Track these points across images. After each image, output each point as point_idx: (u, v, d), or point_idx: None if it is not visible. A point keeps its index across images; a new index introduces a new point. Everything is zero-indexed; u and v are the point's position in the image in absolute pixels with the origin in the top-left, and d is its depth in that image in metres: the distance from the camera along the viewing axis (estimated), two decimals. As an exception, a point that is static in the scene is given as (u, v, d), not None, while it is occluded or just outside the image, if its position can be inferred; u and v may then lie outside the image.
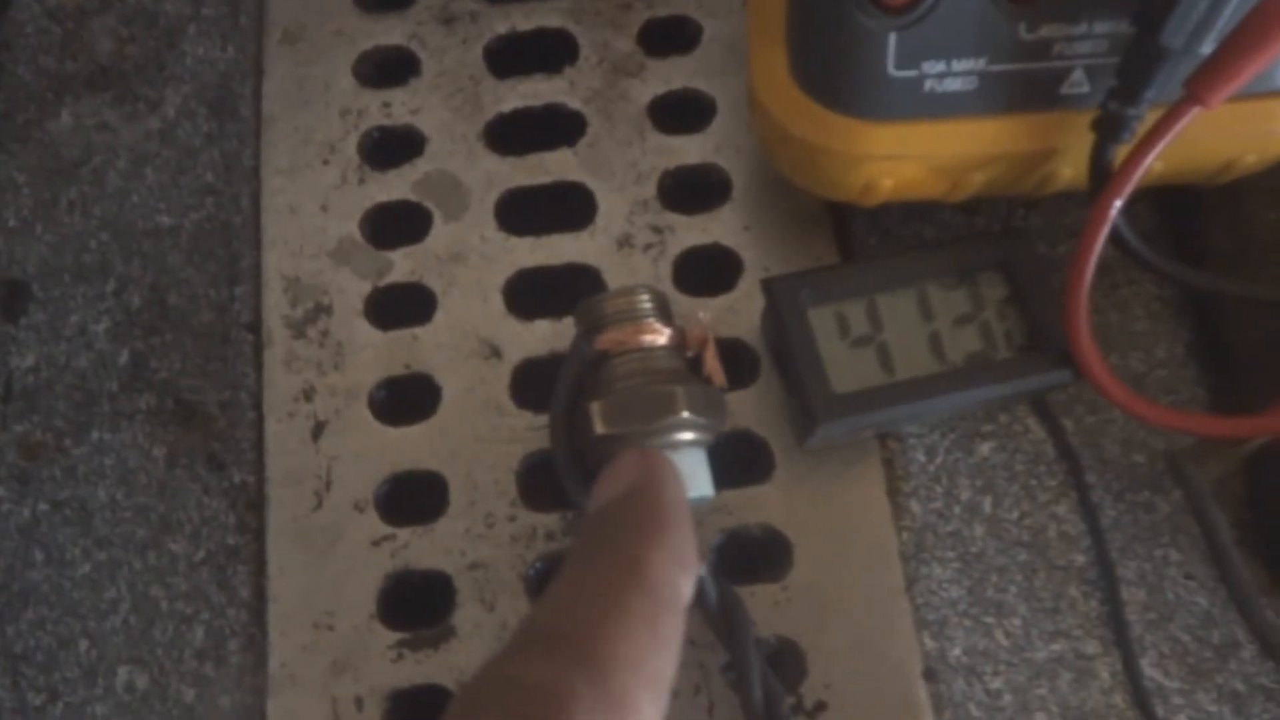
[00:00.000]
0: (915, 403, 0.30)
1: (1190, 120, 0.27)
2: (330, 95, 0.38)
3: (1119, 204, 0.28)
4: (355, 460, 0.33)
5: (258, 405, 0.34)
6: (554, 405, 0.30)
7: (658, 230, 0.36)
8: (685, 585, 0.23)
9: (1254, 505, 0.32)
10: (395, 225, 0.37)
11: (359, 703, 0.31)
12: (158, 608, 0.33)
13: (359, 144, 0.37)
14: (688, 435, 0.28)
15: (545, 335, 0.35)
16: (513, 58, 0.39)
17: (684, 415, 0.27)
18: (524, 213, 0.37)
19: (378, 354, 0.35)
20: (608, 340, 0.29)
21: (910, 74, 0.28)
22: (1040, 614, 0.32)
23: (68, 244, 0.37)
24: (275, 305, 0.35)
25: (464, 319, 0.35)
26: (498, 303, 0.35)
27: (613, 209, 0.36)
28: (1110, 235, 0.28)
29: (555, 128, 0.38)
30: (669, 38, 0.39)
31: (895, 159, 0.30)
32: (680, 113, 0.38)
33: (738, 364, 0.34)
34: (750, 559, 0.33)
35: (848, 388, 0.30)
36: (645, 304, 0.30)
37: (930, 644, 0.31)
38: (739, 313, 0.34)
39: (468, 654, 0.31)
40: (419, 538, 0.33)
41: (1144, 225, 0.35)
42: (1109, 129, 0.28)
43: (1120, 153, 0.28)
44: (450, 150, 0.37)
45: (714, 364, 0.30)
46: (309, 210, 0.37)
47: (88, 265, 0.37)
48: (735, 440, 0.33)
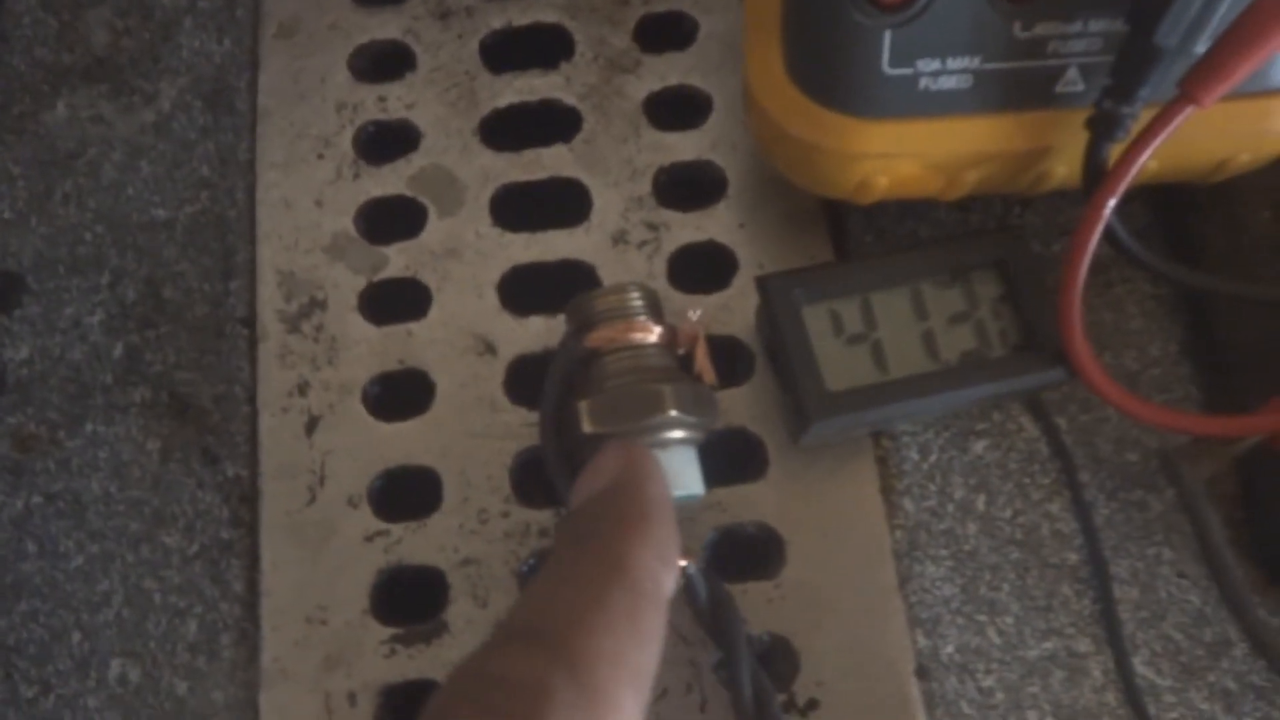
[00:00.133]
0: (909, 401, 0.30)
1: (1184, 119, 0.27)
2: (325, 89, 0.38)
3: (1113, 203, 0.28)
4: (349, 455, 0.33)
5: (252, 399, 0.34)
6: (543, 403, 0.30)
7: (653, 227, 0.36)
8: (667, 579, 0.23)
9: (1246, 504, 0.32)
10: (390, 220, 0.37)
11: (351, 698, 0.31)
12: (151, 601, 0.33)
13: (354, 138, 0.37)
14: (677, 434, 0.28)
15: (539, 331, 0.35)
16: (508, 53, 0.39)
17: (672, 414, 0.27)
18: (519, 208, 0.37)
19: (372, 349, 0.35)
20: (598, 338, 0.29)
21: (905, 72, 0.28)
22: (1033, 612, 0.32)
23: (62, 236, 0.37)
24: (270, 299, 0.35)
25: (458, 315, 0.35)
26: (492, 298, 0.35)
27: (608, 205, 0.36)
28: (1104, 234, 0.28)
29: (551, 123, 0.37)
30: (665, 34, 0.39)
31: (890, 157, 0.30)
32: (676, 109, 0.38)
33: (732, 362, 0.34)
34: (743, 556, 0.33)
35: (841, 386, 0.30)
36: (636, 301, 0.30)
37: (923, 642, 0.31)
38: (733, 310, 0.34)
39: (460, 650, 0.31)
40: (412, 533, 0.33)
41: (1138, 224, 0.35)
42: (1103, 128, 0.28)
43: (1114, 151, 0.28)
44: (445, 145, 0.37)
45: (704, 362, 0.30)
46: (304, 204, 0.37)
47: (82, 258, 0.37)
48: (729, 438, 0.33)
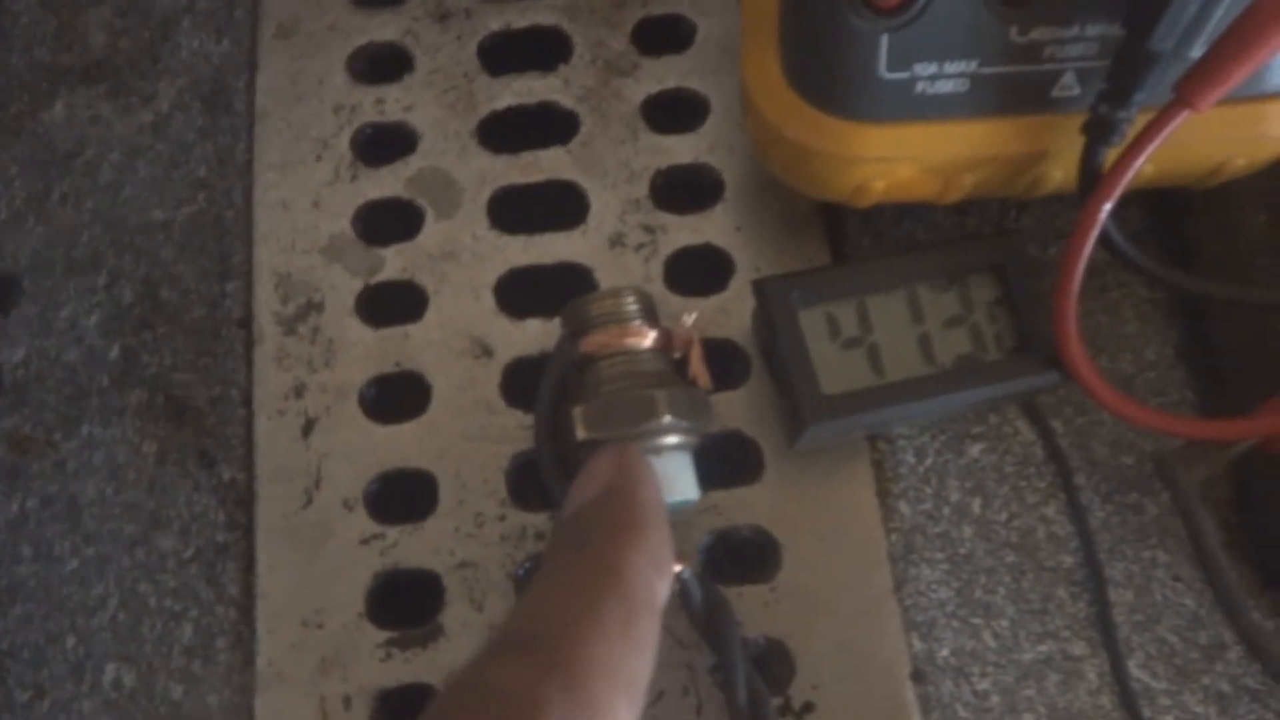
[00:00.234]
0: (905, 404, 0.30)
1: (1180, 123, 0.27)
2: (324, 91, 0.38)
3: (1108, 207, 0.28)
4: (345, 458, 0.33)
5: (248, 402, 0.34)
6: (538, 408, 0.30)
7: (650, 230, 0.36)
8: (661, 587, 0.23)
9: (1241, 508, 0.32)
10: (387, 222, 0.37)
11: (347, 701, 0.31)
12: (146, 604, 0.33)
13: (352, 140, 0.37)
14: (671, 439, 0.28)
15: (536, 334, 0.35)
16: (506, 55, 0.39)
17: (665, 419, 0.27)
18: (516, 211, 0.37)
19: (368, 351, 0.35)
20: (592, 343, 0.29)
21: (902, 76, 0.28)
22: (1028, 615, 0.32)
23: (59, 237, 0.37)
24: (266, 301, 0.35)
25: (455, 317, 0.35)
26: (489, 301, 0.35)
27: (605, 208, 0.36)
28: (1100, 238, 0.28)
29: (548, 126, 0.37)
30: (663, 37, 0.39)
31: (887, 161, 0.30)
32: (673, 112, 0.38)
33: (728, 365, 0.34)
34: (739, 560, 0.33)
35: (837, 389, 0.30)
36: (630, 306, 0.30)
37: (918, 645, 0.31)
38: (730, 313, 0.34)
39: (456, 653, 0.31)
40: (408, 536, 0.33)
41: (1134, 228, 0.35)
42: (1099, 132, 0.28)
43: (1110, 155, 0.28)
44: (443, 147, 0.37)
45: (699, 366, 0.30)
46: (301, 206, 0.37)
47: (79, 259, 0.37)
48: (725, 441, 0.33)
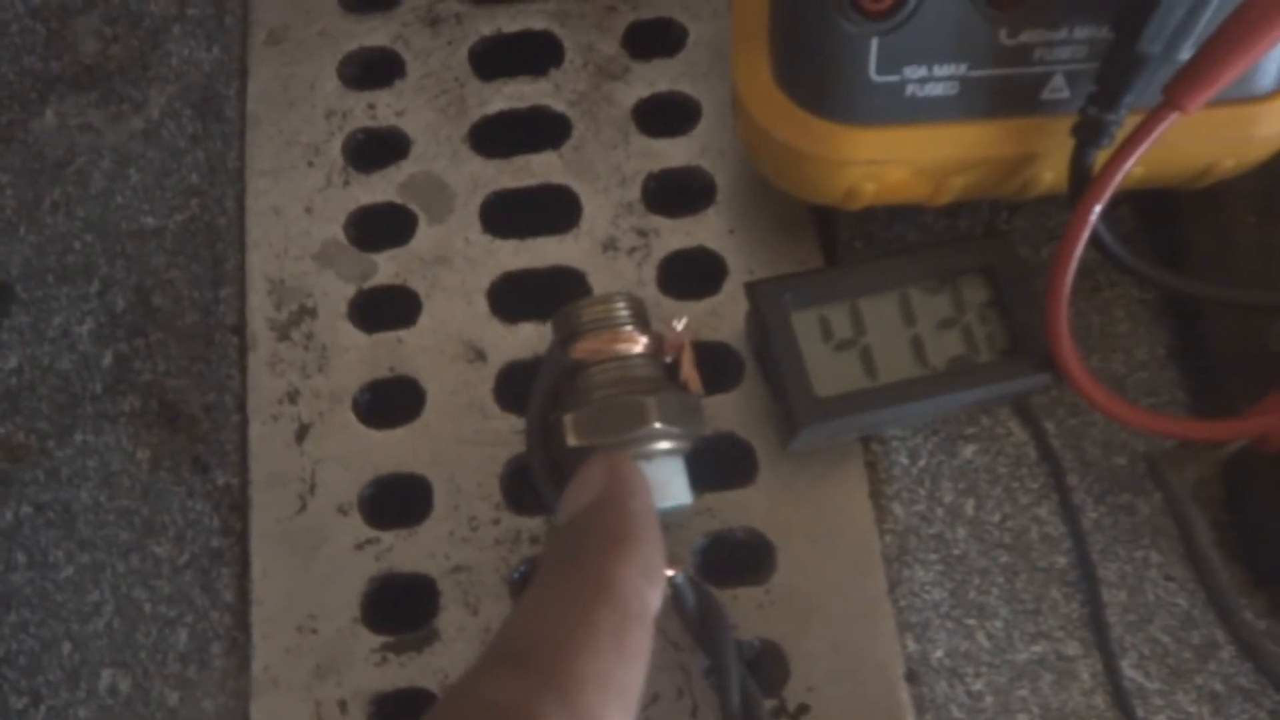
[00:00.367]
0: (898, 406, 0.30)
1: (1169, 125, 0.27)
2: (315, 97, 0.38)
3: (1099, 208, 0.28)
4: (339, 463, 0.33)
5: (242, 408, 0.34)
6: (529, 415, 0.30)
7: (642, 233, 0.36)
8: (653, 597, 0.23)
9: (1233, 507, 0.33)
10: (380, 227, 0.37)
11: (342, 706, 0.31)
12: (141, 611, 0.33)
13: (343, 146, 0.37)
14: (662, 445, 0.28)
15: (529, 338, 0.35)
16: (498, 60, 0.39)
17: (656, 426, 0.27)
18: (508, 215, 0.37)
19: (362, 357, 0.35)
20: (583, 349, 0.29)
21: (892, 79, 0.28)
22: (1022, 616, 0.32)
23: (51, 245, 0.37)
24: (259, 307, 0.35)
25: (448, 322, 0.35)
26: (482, 305, 0.35)
27: (597, 212, 0.36)
28: (1091, 239, 0.28)
29: (540, 130, 0.37)
30: (654, 40, 0.39)
31: (878, 163, 0.30)
32: (665, 116, 0.38)
33: (721, 367, 0.34)
34: (733, 562, 0.33)
35: (830, 391, 0.30)
36: (621, 312, 0.29)
37: (912, 646, 0.31)
38: (723, 316, 0.35)
39: (451, 657, 0.31)
40: (403, 541, 0.33)
41: (1125, 228, 0.36)
42: (1088, 134, 0.28)
43: (1100, 157, 0.28)
44: (435, 152, 0.37)
45: (690, 371, 0.30)
46: (293, 212, 0.37)
47: (71, 266, 0.37)
48: (719, 443, 0.33)
